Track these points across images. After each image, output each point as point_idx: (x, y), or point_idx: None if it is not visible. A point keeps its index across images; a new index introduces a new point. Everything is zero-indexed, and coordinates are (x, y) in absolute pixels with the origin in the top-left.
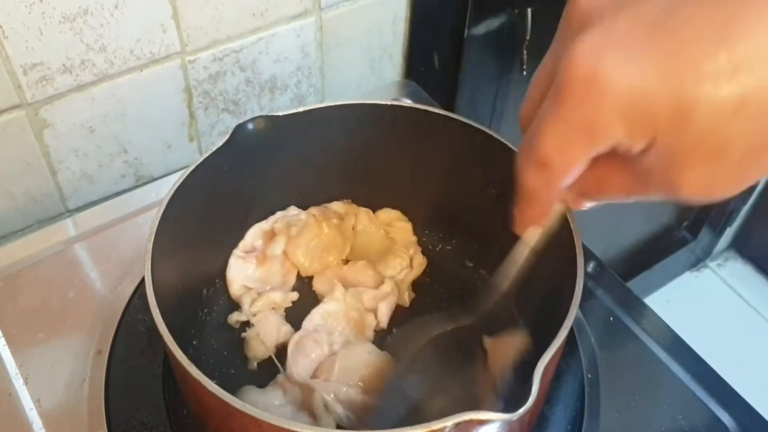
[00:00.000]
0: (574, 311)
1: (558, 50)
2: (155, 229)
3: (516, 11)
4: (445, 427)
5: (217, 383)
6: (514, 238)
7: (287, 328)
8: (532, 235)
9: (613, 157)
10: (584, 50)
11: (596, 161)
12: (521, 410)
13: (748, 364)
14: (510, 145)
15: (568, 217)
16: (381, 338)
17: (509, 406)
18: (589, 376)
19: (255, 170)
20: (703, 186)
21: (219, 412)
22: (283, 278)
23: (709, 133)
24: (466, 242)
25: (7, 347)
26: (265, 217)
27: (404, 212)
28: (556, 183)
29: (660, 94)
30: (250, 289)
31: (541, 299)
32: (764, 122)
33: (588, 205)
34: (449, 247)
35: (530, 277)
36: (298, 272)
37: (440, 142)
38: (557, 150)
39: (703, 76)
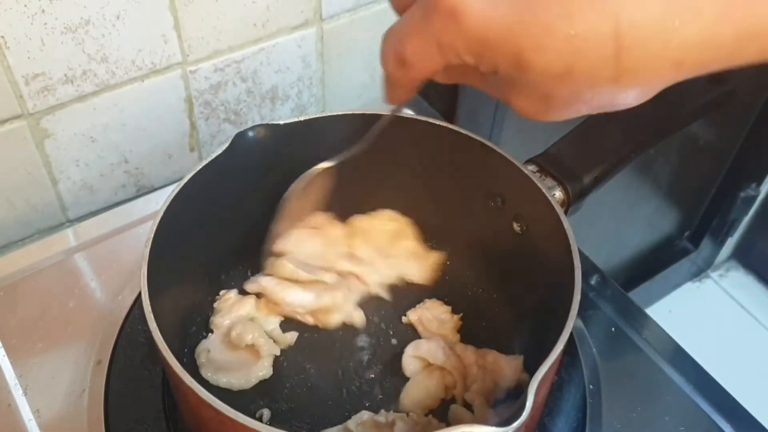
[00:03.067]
0: (569, 328)
1: None
2: (152, 237)
3: None
4: None
5: (213, 393)
6: (512, 246)
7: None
8: (397, 106)
9: (468, 65)
10: None
11: (453, 65)
12: (515, 425)
13: (750, 375)
14: (510, 158)
15: (568, 235)
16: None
17: (503, 420)
18: (591, 386)
19: (254, 179)
20: (533, 113)
21: (213, 421)
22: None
23: (537, 84)
24: (466, 253)
25: (6, 357)
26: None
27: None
28: (414, 77)
29: (504, 44)
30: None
31: (540, 312)
32: (586, 86)
33: (445, 81)
34: (449, 259)
35: (529, 290)
36: None
37: (440, 153)
38: (415, 55)
39: (541, 44)
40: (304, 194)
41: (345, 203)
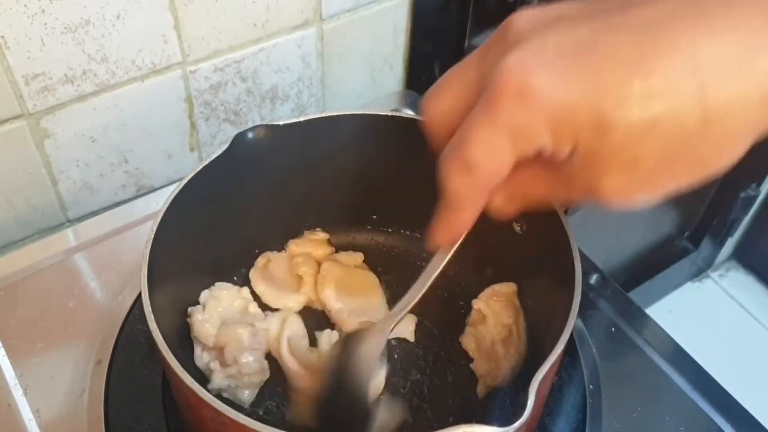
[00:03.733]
0: (569, 328)
1: (489, 60)
2: (152, 237)
3: None
4: None
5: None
6: (512, 246)
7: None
8: (448, 248)
9: (538, 162)
10: (517, 64)
11: (522, 167)
12: (516, 425)
13: (750, 375)
14: None
15: (568, 235)
16: None
17: (503, 421)
18: (591, 386)
19: (254, 179)
20: (620, 191)
21: (213, 421)
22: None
23: (624, 146)
24: (466, 253)
25: (6, 357)
26: (263, 226)
27: (403, 221)
28: (484, 185)
29: (582, 108)
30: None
31: (540, 312)
32: (672, 141)
33: (512, 213)
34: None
35: (529, 290)
36: None
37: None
38: (486, 153)
39: (620, 98)
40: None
41: (342, 205)
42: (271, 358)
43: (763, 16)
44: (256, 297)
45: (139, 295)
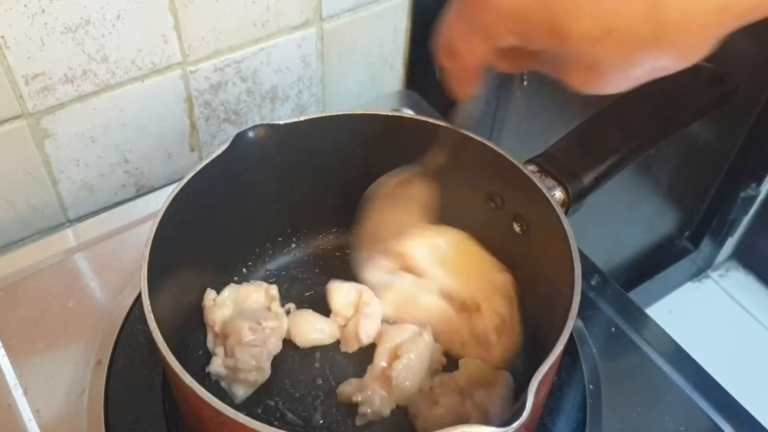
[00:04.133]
0: (569, 328)
1: None
2: (152, 237)
3: None
4: None
5: (214, 394)
6: (512, 246)
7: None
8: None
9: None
10: None
11: (503, 49)
12: (515, 425)
13: (750, 375)
14: (510, 158)
15: (568, 235)
16: None
17: (503, 421)
18: (591, 387)
19: (254, 178)
20: (588, 86)
21: (213, 420)
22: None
23: (580, 52)
24: None
25: (6, 357)
26: (263, 225)
27: None
28: (468, 64)
29: (539, 18)
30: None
31: (540, 312)
32: (630, 46)
33: (514, 70)
34: None
35: (529, 290)
36: None
37: (440, 153)
38: (461, 45)
39: (574, 8)
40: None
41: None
42: (275, 360)
43: None
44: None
45: (139, 295)
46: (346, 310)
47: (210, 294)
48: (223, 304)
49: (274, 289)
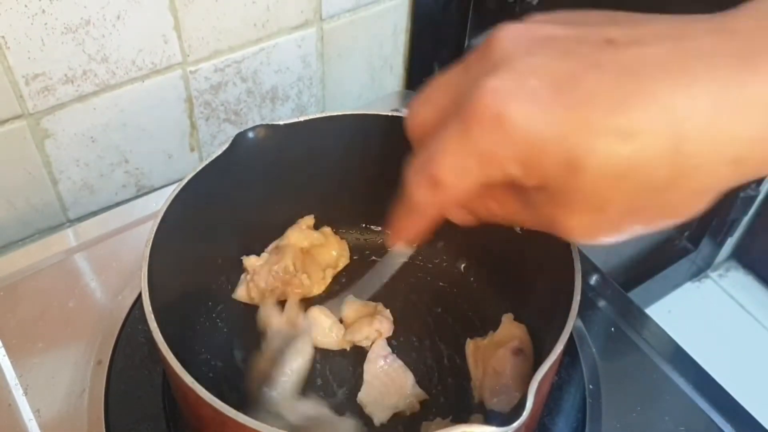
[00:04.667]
0: (569, 328)
1: (471, 75)
2: (152, 237)
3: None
4: None
5: (214, 394)
6: (511, 246)
7: None
8: (402, 249)
9: (505, 186)
10: (496, 89)
11: (489, 187)
12: (515, 424)
13: (750, 374)
14: None
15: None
16: None
17: (502, 420)
18: (591, 386)
19: (254, 179)
20: (584, 231)
21: (213, 421)
22: None
23: (592, 190)
24: (466, 253)
25: (6, 357)
26: (263, 225)
27: None
28: (445, 202)
29: (554, 147)
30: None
31: (540, 312)
32: (644, 189)
33: (471, 223)
34: (445, 256)
35: (529, 290)
36: None
37: None
38: (453, 172)
39: (596, 138)
40: None
41: (343, 205)
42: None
43: (743, 73)
44: None
45: (140, 295)
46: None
47: (308, 220)
48: (304, 235)
49: (343, 261)
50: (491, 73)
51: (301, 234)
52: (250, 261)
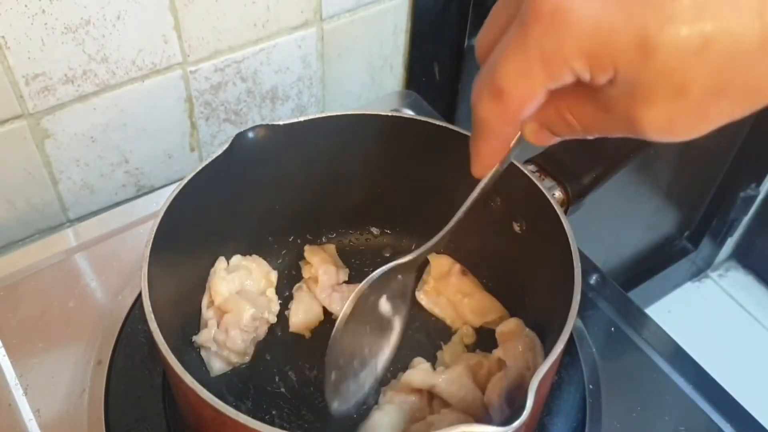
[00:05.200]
0: (569, 327)
1: None
2: (153, 237)
3: None
4: None
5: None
6: (511, 246)
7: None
8: (487, 176)
9: (575, 90)
10: None
11: (558, 94)
12: (515, 424)
13: (749, 374)
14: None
15: (568, 235)
16: None
17: (503, 420)
18: (591, 386)
19: (254, 179)
20: (664, 123)
21: (213, 421)
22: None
23: (670, 70)
24: (466, 253)
25: (6, 357)
26: (263, 226)
27: (402, 223)
28: (513, 114)
29: (623, 29)
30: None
31: (540, 312)
32: (724, 65)
33: (549, 140)
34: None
35: (528, 290)
36: None
37: (440, 153)
38: (516, 79)
39: (667, 15)
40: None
41: (343, 205)
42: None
43: None
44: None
45: (140, 295)
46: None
47: (221, 263)
48: (230, 279)
49: (274, 275)
50: None
51: (226, 280)
52: (203, 337)
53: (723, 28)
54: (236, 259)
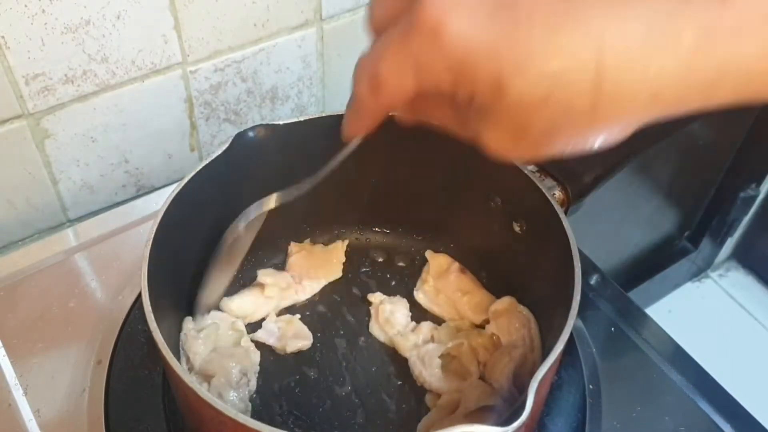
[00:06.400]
0: (569, 328)
1: None
2: (153, 237)
3: None
4: None
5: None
6: (511, 246)
7: None
8: (353, 141)
9: (441, 94)
10: (439, 2)
11: (428, 91)
12: (515, 424)
13: (749, 374)
14: None
15: (568, 235)
16: None
17: (503, 420)
18: (591, 386)
19: (255, 179)
20: (503, 147)
21: (213, 421)
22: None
23: (514, 112)
24: (466, 253)
25: (6, 357)
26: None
27: (401, 221)
28: (385, 101)
29: (484, 65)
30: None
31: (540, 312)
32: (559, 117)
33: (410, 123)
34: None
35: (528, 290)
36: None
37: (440, 153)
38: (392, 75)
39: (523, 64)
40: (248, 232)
41: (343, 205)
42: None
43: (678, 4)
44: None
45: (140, 295)
46: None
47: (188, 323)
48: (204, 337)
49: (240, 324)
50: None
51: (200, 339)
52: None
53: (562, 89)
54: (198, 319)
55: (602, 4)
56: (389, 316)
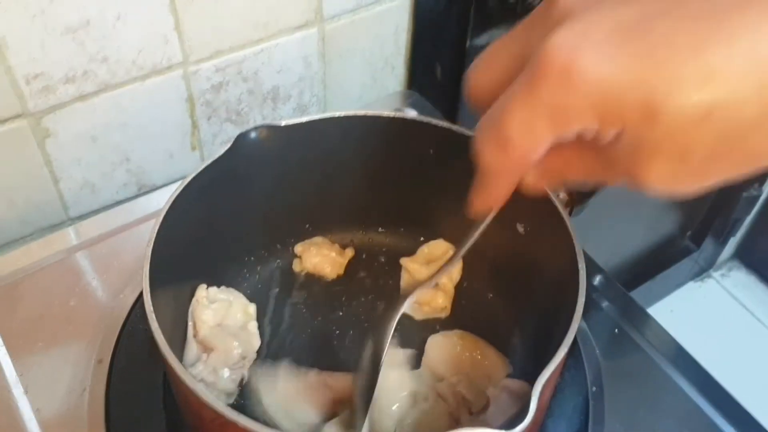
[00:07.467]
0: (574, 330)
1: (534, 34)
2: (154, 236)
3: (518, 22)
4: None
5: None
6: (515, 247)
7: None
8: (484, 218)
9: (579, 142)
10: (564, 41)
11: (562, 144)
12: (518, 428)
13: (752, 375)
14: None
15: (572, 236)
16: None
17: (505, 424)
18: (594, 389)
19: (256, 179)
20: (665, 180)
21: (213, 421)
22: None
23: (674, 134)
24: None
25: (7, 356)
26: (265, 226)
27: (404, 223)
28: (519, 163)
29: (631, 92)
30: None
31: (543, 313)
32: (727, 132)
33: (548, 188)
34: None
35: (532, 291)
36: None
37: (442, 154)
38: (523, 131)
39: (675, 82)
40: None
41: (344, 205)
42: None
43: None
44: None
45: (141, 295)
46: None
47: (202, 291)
48: (214, 309)
49: (252, 308)
50: (556, 29)
51: (210, 309)
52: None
53: (726, 100)
54: (213, 291)
55: (741, 17)
56: None
